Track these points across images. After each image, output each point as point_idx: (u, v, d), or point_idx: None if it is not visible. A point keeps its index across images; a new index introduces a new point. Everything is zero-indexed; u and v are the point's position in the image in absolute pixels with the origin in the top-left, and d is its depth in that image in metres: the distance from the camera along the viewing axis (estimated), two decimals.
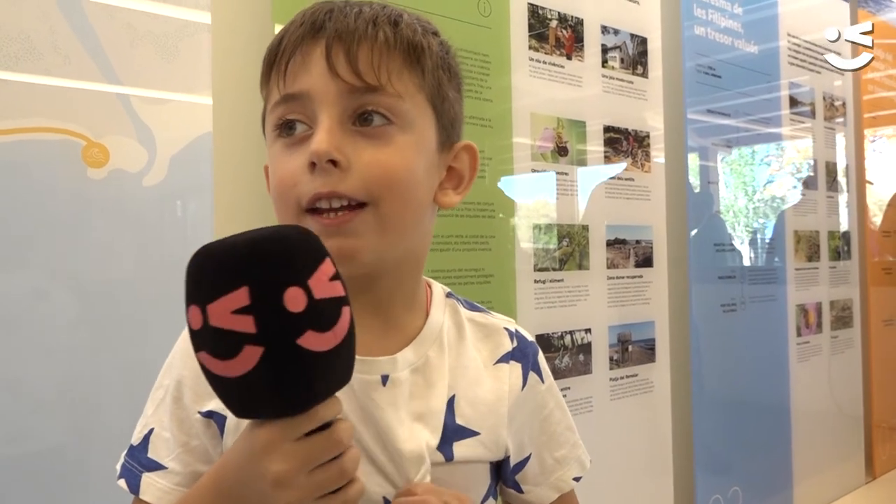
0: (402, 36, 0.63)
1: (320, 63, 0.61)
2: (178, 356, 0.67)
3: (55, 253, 1.06)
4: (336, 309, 0.49)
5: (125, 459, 0.67)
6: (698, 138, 2.16)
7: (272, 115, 0.64)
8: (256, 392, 0.48)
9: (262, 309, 0.46)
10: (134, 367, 1.08)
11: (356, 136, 0.61)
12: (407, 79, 0.63)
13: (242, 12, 1.28)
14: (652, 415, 1.95)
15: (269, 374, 0.47)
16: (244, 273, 0.47)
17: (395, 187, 0.62)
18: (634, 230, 1.93)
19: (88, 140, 1.09)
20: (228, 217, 1.23)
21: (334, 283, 0.50)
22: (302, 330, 0.47)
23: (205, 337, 0.48)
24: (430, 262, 1.45)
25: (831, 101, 2.76)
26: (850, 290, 2.83)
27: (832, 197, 2.76)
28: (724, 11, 2.24)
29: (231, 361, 0.47)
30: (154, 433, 0.66)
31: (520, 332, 0.78)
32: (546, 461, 0.77)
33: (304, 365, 0.48)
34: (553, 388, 0.79)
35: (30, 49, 1.04)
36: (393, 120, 0.62)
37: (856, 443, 2.80)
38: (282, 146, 0.63)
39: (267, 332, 0.46)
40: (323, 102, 0.60)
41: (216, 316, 0.47)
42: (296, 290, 0.47)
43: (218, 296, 0.47)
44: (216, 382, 0.49)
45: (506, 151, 1.62)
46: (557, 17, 1.75)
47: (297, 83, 0.62)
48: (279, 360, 0.47)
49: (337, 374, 0.51)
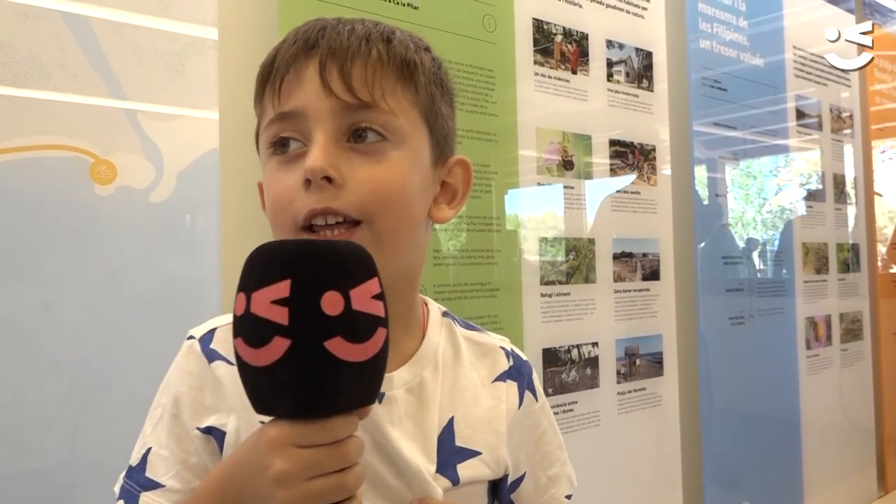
0: (395, 53, 0.64)
1: (314, 80, 0.61)
2: (176, 374, 0.67)
3: (63, 269, 1.07)
4: (372, 326, 0.50)
5: (124, 480, 0.66)
6: (706, 150, 2.16)
7: (266, 133, 0.64)
8: (277, 386, 0.49)
9: (298, 303, 0.48)
10: (140, 383, 1.08)
11: (350, 152, 0.61)
12: (400, 95, 0.64)
13: (249, 28, 1.29)
14: (660, 429, 1.94)
15: (292, 369, 0.48)
16: (290, 267, 0.49)
17: (390, 204, 0.62)
18: (641, 243, 1.93)
19: (96, 157, 1.10)
20: (235, 232, 1.23)
21: (376, 302, 0.51)
22: (332, 334, 0.48)
23: (243, 323, 0.49)
24: (437, 277, 1.46)
25: (838, 113, 2.75)
26: (860, 302, 2.81)
27: (840, 209, 2.75)
28: (729, 25, 2.25)
29: (260, 350, 0.48)
30: (152, 452, 0.65)
31: (515, 351, 0.78)
32: (540, 479, 0.77)
33: (327, 368, 0.48)
34: (545, 407, 0.79)
35: (38, 67, 1.05)
36: (387, 136, 0.62)
37: (867, 456, 2.78)
38: (276, 164, 0.63)
39: (297, 326, 0.48)
40: (317, 120, 0.61)
41: (257, 303, 0.48)
42: (335, 294, 0.48)
43: (263, 285, 0.49)
44: (244, 370, 0.50)
45: (511, 165, 1.63)
46: (562, 32, 1.76)
47: (291, 101, 0.62)
48: (304, 356, 0.48)
49: (359, 391, 0.51)
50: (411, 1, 1.45)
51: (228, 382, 0.63)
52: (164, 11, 1.16)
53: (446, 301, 1.47)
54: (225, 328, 0.67)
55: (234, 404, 0.63)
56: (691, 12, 2.13)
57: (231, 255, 1.23)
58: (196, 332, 0.68)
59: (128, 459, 0.68)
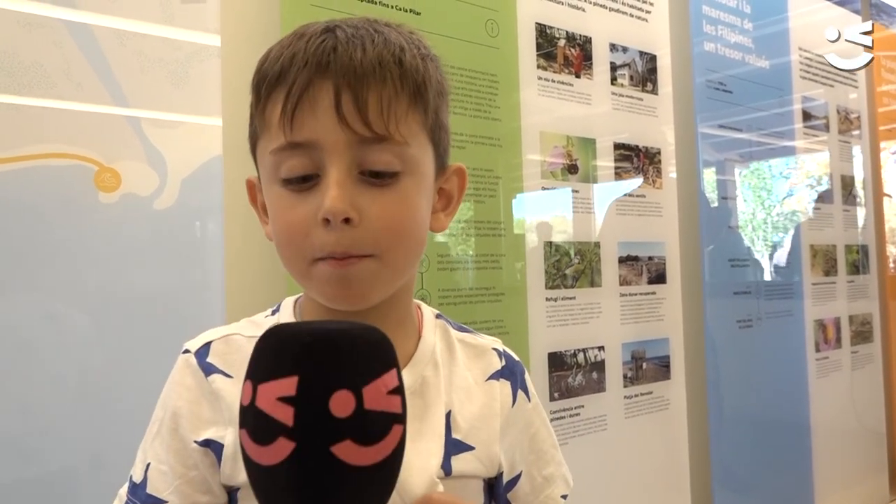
0: (407, 77, 0.63)
1: (329, 111, 0.59)
2: (172, 388, 0.66)
3: (68, 277, 1.08)
4: (386, 425, 0.47)
5: (128, 497, 0.66)
6: (714, 153, 2.15)
7: (274, 158, 0.62)
8: (280, 488, 0.46)
9: (304, 404, 0.44)
10: (145, 391, 1.08)
11: (364, 185, 0.60)
12: (412, 120, 0.63)
13: (251, 36, 1.29)
14: (668, 433, 1.93)
15: (295, 474, 0.45)
16: (298, 363, 0.45)
17: (402, 238, 0.62)
18: (647, 246, 1.92)
19: (100, 165, 1.10)
20: (239, 239, 1.23)
21: (392, 397, 0.47)
22: (341, 437, 0.45)
23: (249, 415, 0.47)
24: (442, 282, 1.46)
25: (846, 115, 2.74)
26: (870, 304, 2.79)
27: (849, 210, 2.73)
28: (733, 27, 2.24)
29: (265, 448, 0.45)
30: (151, 467, 0.65)
31: (507, 351, 0.79)
32: (535, 479, 0.78)
33: (334, 475, 0.45)
34: (538, 407, 0.80)
35: (43, 76, 1.06)
36: (400, 169, 0.62)
37: (879, 459, 2.75)
38: (285, 190, 0.62)
39: (303, 428, 0.44)
40: (332, 153, 0.60)
41: (262, 398, 0.45)
42: (346, 393, 0.45)
43: (269, 378, 0.46)
44: (249, 467, 0.48)
45: (515, 170, 1.63)
46: (565, 36, 1.75)
47: (304, 131, 0.60)
48: (308, 461, 0.45)
49: (370, 495, 0.48)
50: (414, 6, 1.45)
51: (226, 395, 0.63)
52: (168, 20, 1.17)
53: (452, 306, 1.47)
54: (220, 341, 0.67)
55: (232, 417, 0.63)
56: (695, 15, 2.12)
57: (235, 262, 1.24)
58: (191, 345, 0.67)
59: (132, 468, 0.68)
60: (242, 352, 0.65)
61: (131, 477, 0.67)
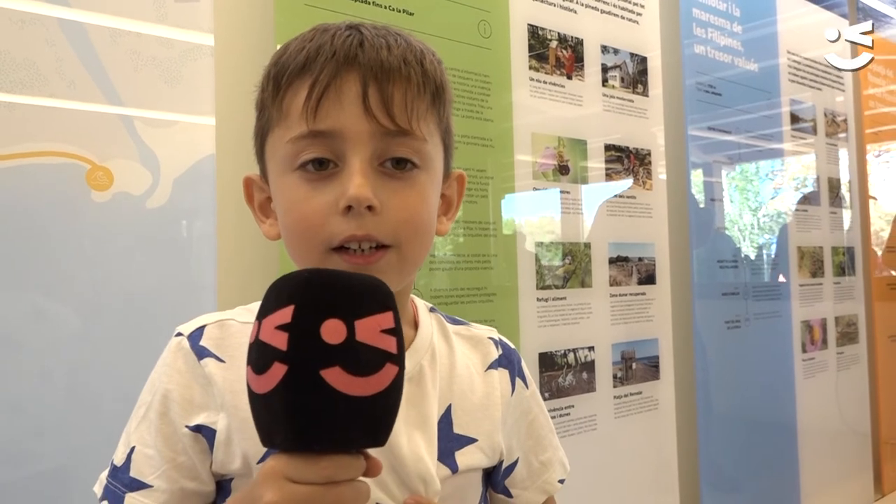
0: (429, 77, 0.64)
1: (356, 102, 0.60)
2: (163, 371, 0.65)
3: (59, 275, 1.07)
4: (378, 360, 0.48)
5: (108, 480, 0.65)
6: (702, 155, 2.17)
7: (292, 147, 0.62)
8: (274, 415, 0.48)
9: (297, 329, 0.47)
10: (137, 389, 1.08)
11: (384, 177, 0.61)
12: (430, 119, 0.65)
13: (245, 35, 1.29)
14: (657, 433, 1.95)
15: (287, 396, 0.47)
16: (295, 294, 0.48)
17: (419, 230, 0.63)
18: (637, 247, 1.93)
19: (93, 164, 1.10)
20: (232, 238, 1.23)
21: (387, 336, 0.49)
22: (330, 363, 0.46)
23: (252, 350, 0.49)
24: (434, 282, 1.46)
25: (833, 118, 2.77)
26: (856, 305, 2.82)
27: (835, 213, 2.76)
28: (723, 30, 2.26)
29: (262, 376, 0.48)
30: (136, 451, 0.64)
31: (503, 340, 0.80)
32: (533, 464, 0.79)
33: (323, 399, 0.46)
34: (536, 394, 0.81)
35: (35, 74, 1.06)
36: (418, 163, 0.63)
37: (864, 460, 2.78)
38: (301, 179, 0.62)
39: (294, 352, 0.47)
40: (356, 143, 0.60)
41: (264, 329, 0.48)
42: (337, 322, 0.47)
43: (271, 312, 0.48)
44: (251, 399, 0.50)
45: (507, 170, 1.63)
46: (557, 38, 1.76)
47: (329, 120, 0.60)
48: (299, 383, 0.46)
49: (361, 430, 0.49)
50: (407, 7, 1.45)
51: (219, 380, 0.63)
52: (161, 19, 1.17)
53: (443, 306, 1.47)
54: (215, 325, 0.67)
55: (224, 402, 0.62)
56: (686, 17, 2.14)
57: (227, 261, 1.24)
58: (184, 328, 0.67)
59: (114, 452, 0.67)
60: (237, 337, 0.65)
61: (112, 461, 0.66)
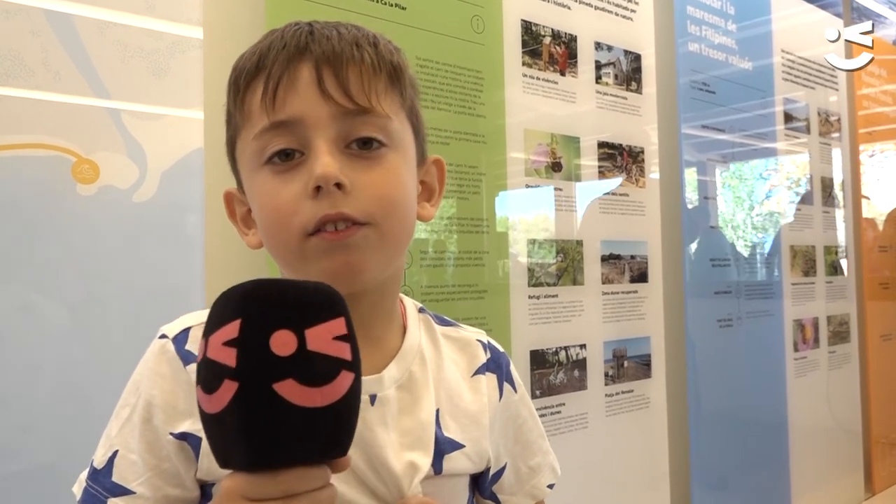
0: (383, 58, 0.64)
1: (311, 87, 0.60)
2: (147, 375, 0.64)
3: (45, 269, 1.06)
4: (332, 369, 0.46)
5: (87, 483, 0.63)
6: (695, 153, 2.16)
7: (257, 143, 0.62)
8: (228, 434, 0.46)
9: (245, 344, 0.45)
10: (124, 384, 1.07)
11: (352, 158, 0.61)
12: (391, 98, 0.64)
13: (234, 28, 1.28)
14: (648, 431, 1.94)
15: (240, 414, 0.45)
16: (241, 307, 0.47)
17: (393, 208, 0.62)
18: (629, 245, 1.93)
19: (79, 156, 1.09)
20: (220, 232, 1.22)
21: (340, 343, 0.47)
22: (283, 376, 0.45)
23: (200, 368, 0.47)
24: (425, 278, 1.45)
25: (826, 117, 2.77)
26: (848, 305, 2.82)
27: (828, 212, 2.76)
28: (717, 28, 2.26)
29: (212, 395, 0.46)
30: (119, 455, 0.62)
31: (492, 343, 0.79)
32: (521, 470, 0.78)
33: (278, 414, 0.45)
34: (525, 398, 0.80)
35: (21, 65, 1.04)
36: (385, 142, 0.63)
37: (855, 458, 2.79)
38: (270, 173, 0.61)
39: (244, 367, 0.45)
40: (317, 127, 0.60)
41: (211, 346, 0.46)
42: (286, 333, 0.45)
43: (217, 328, 0.47)
44: (203, 420, 0.48)
45: (499, 167, 1.62)
46: (551, 34, 1.75)
47: (286, 108, 0.60)
48: (251, 400, 0.45)
49: (319, 441, 0.47)
50: (399, 1, 1.44)
51: None
52: (149, 10, 1.15)
53: (434, 302, 1.47)
54: (200, 327, 0.65)
55: None
56: (680, 15, 2.13)
57: (215, 256, 1.22)
58: (169, 330, 0.65)
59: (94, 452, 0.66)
60: None
61: (92, 461, 0.64)
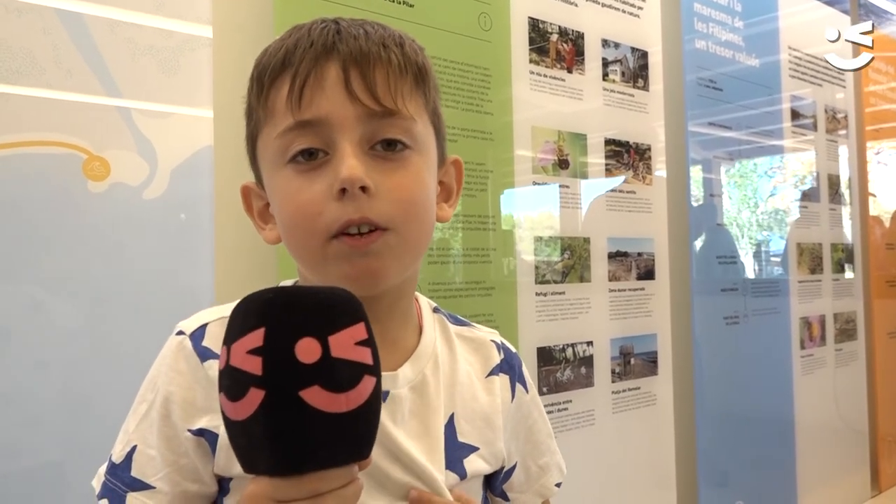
0: (409, 58, 0.64)
1: (338, 87, 0.60)
2: (164, 371, 0.64)
3: (55, 266, 1.06)
4: (356, 374, 0.48)
5: (106, 478, 0.64)
6: (702, 151, 2.16)
7: (281, 141, 0.62)
8: (255, 441, 0.47)
9: (271, 352, 0.46)
10: (133, 381, 1.07)
11: (376, 160, 0.61)
12: (416, 100, 0.64)
13: (244, 26, 1.28)
14: (655, 428, 1.94)
15: (267, 422, 0.46)
16: (265, 315, 0.47)
17: (416, 212, 0.63)
18: (636, 242, 1.93)
19: (89, 154, 1.09)
20: (229, 230, 1.23)
21: (361, 348, 0.48)
22: (309, 383, 0.46)
23: (224, 376, 0.48)
24: (432, 275, 1.46)
25: (833, 114, 2.76)
26: (854, 302, 2.82)
27: (835, 209, 2.75)
28: (724, 25, 2.25)
29: (238, 403, 0.46)
30: (138, 450, 0.63)
31: (505, 344, 0.79)
32: (531, 469, 0.78)
33: (305, 420, 0.46)
34: (536, 398, 0.80)
35: (32, 63, 1.05)
36: (409, 144, 0.63)
37: (861, 456, 2.78)
38: (294, 172, 0.62)
39: (271, 375, 0.46)
40: (343, 128, 0.60)
41: (234, 354, 0.47)
42: (311, 341, 0.46)
43: (240, 335, 0.47)
44: (227, 427, 0.49)
45: (507, 164, 1.63)
46: (558, 31, 1.75)
47: (312, 108, 0.60)
48: (278, 407, 0.46)
49: (345, 444, 0.48)
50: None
51: None
52: (159, 9, 1.16)
53: (442, 299, 1.47)
54: (217, 323, 0.65)
55: None
56: (687, 12, 2.13)
57: (225, 253, 1.23)
58: (186, 326, 0.65)
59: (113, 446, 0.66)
60: None
61: (111, 456, 0.65)
